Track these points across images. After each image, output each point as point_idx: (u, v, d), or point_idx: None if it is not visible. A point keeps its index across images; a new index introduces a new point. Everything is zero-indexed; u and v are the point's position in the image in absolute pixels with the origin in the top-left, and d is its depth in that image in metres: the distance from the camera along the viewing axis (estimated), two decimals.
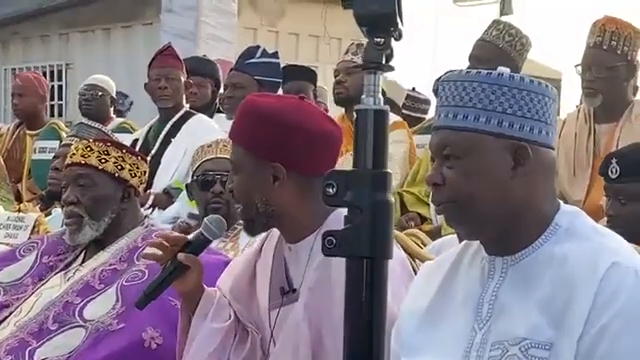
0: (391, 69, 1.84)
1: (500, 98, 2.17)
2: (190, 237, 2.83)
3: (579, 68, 4.58)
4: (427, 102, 7.36)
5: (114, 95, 7.37)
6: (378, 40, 1.82)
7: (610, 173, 3.65)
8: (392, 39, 1.83)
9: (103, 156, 3.50)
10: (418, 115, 7.24)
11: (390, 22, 1.82)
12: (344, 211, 1.89)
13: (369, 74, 1.85)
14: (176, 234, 2.88)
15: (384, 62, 1.84)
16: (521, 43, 5.11)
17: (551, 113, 2.21)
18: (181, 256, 2.73)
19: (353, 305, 1.84)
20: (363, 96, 1.85)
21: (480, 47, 5.15)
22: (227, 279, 2.92)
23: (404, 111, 7.10)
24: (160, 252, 2.78)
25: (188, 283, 2.77)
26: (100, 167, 3.49)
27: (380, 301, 1.83)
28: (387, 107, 1.87)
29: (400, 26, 1.81)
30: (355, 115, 1.87)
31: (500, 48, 5.07)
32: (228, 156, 3.31)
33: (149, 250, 2.90)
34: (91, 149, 3.51)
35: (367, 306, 1.83)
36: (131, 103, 8.10)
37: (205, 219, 2.82)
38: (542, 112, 2.19)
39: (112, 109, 7.28)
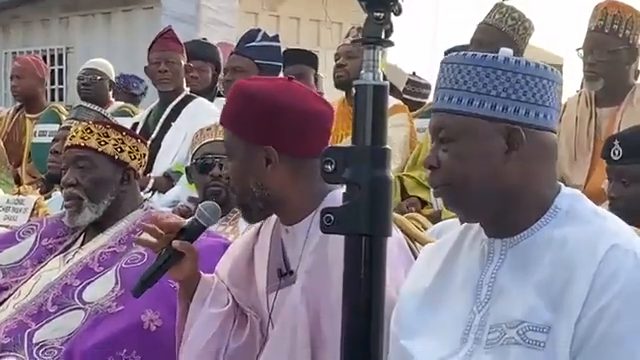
0: (390, 44, 1.82)
1: (494, 81, 2.17)
2: (184, 223, 2.82)
3: (581, 52, 4.57)
4: (428, 86, 7.34)
5: (113, 79, 7.36)
6: (377, 14, 1.80)
7: (612, 155, 3.64)
8: (392, 14, 1.81)
9: (103, 138, 3.50)
10: (419, 100, 7.22)
11: None
12: (341, 192, 1.88)
13: (368, 49, 1.83)
14: (170, 221, 2.86)
15: (383, 37, 1.82)
16: (524, 27, 5.09)
17: (550, 95, 2.19)
18: (176, 243, 2.72)
19: (352, 283, 1.83)
20: (362, 71, 1.84)
21: (482, 30, 5.13)
22: (225, 263, 2.91)
23: (405, 96, 7.08)
24: (154, 239, 2.78)
25: (184, 270, 2.76)
26: (100, 149, 3.49)
27: (379, 279, 1.82)
28: (387, 83, 1.86)
29: (399, 0, 1.79)
30: (354, 91, 1.86)
31: (502, 31, 5.05)
32: None
33: (143, 236, 2.89)
34: (91, 131, 3.50)
35: (366, 284, 1.82)
36: (146, 88, 8.07)
37: (199, 205, 2.81)
38: (539, 95, 2.18)
39: (111, 93, 7.27)
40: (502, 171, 2.18)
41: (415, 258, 2.62)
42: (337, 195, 1.91)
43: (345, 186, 1.85)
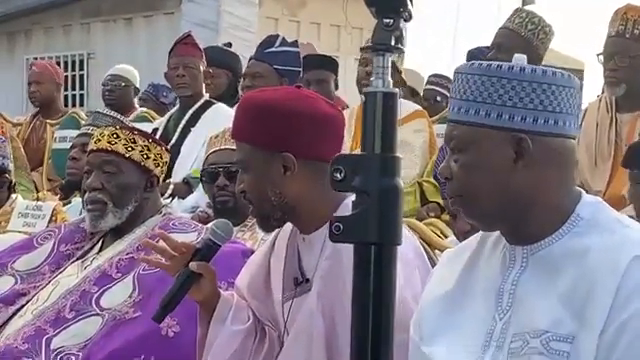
0: (400, 51, 1.82)
1: (499, 90, 2.16)
2: (198, 244, 2.79)
3: (601, 57, 4.54)
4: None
5: (137, 85, 7.36)
6: (387, 21, 1.79)
7: None
8: (402, 20, 1.80)
9: (130, 144, 3.49)
10: (445, 92, 7.15)
11: (399, 2, 1.80)
12: None
13: (378, 56, 1.82)
14: (185, 242, 2.84)
15: (393, 43, 1.81)
16: (544, 32, 5.07)
17: (562, 101, 2.17)
18: (193, 265, 2.70)
19: (360, 292, 1.83)
20: (372, 78, 1.83)
21: (502, 35, 5.13)
22: (245, 276, 2.90)
23: (428, 86, 7.06)
24: (165, 260, 2.76)
25: (203, 290, 2.75)
26: (127, 155, 3.48)
27: (388, 288, 1.81)
28: (397, 90, 1.85)
29: (409, 6, 1.78)
30: (363, 98, 1.85)
31: (522, 36, 5.04)
32: (232, 146, 3.27)
33: (153, 257, 2.89)
34: (117, 136, 3.49)
35: (375, 293, 1.81)
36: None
37: (211, 224, 2.80)
38: (548, 101, 2.15)
39: (136, 99, 7.27)
40: (511, 180, 2.17)
41: (433, 265, 2.61)
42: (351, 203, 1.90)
43: (354, 194, 1.84)
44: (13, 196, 4.58)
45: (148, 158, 3.51)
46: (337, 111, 2.77)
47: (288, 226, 2.80)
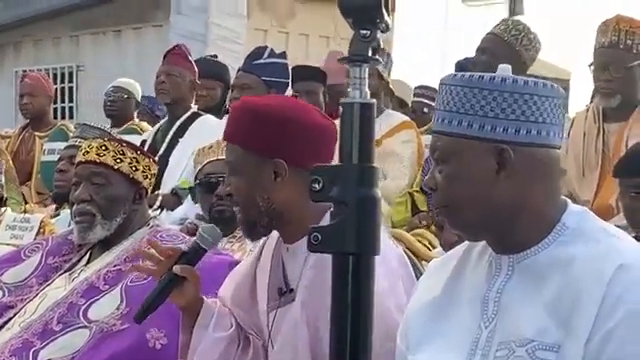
0: (377, 62, 1.82)
1: (481, 102, 2.16)
2: (185, 248, 2.80)
3: (592, 67, 4.52)
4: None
5: (139, 99, 7.37)
6: (364, 32, 1.80)
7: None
8: (378, 31, 1.81)
9: (119, 156, 3.49)
10: (431, 103, 7.18)
11: (376, 13, 1.80)
12: None
13: (355, 67, 1.82)
14: (170, 246, 2.85)
15: (370, 54, 1.81)
16: (528, 38, 5.08)
17: (544, 111, 2.17)
18: (177, 268, 2.71)
19: (339, 302, 1.82)
20: (349, 89, 1.83)
21: (486, 40, 5.16)
22: (229, 286, 2.91)
23: (416, 99, 7.08)
24: (153, 265, 2.77)
25: (186, 294, 2.75)
26: (116, 167, 3.48)
27: (366, 298, 1.81)
28: (373, 100, 1.86)
29: (386, 18, 1.79)
30: (340, 109, 1.86)
31: (506, 41, 5.05)
32: None
33: (143, 264, 2.89)
34: (106, 148, 3.49)
35: (353, 303, 1.81)
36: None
37: (199, 228, 2.81)
38: (530, 112, 2.16)
39: (136, 112, 7.28)
40: (494, 191, 2.17)
41: (420, 276, 2.61)
42: None
43: (332, 205, 1.85)
44: (2, 209, 4.57)
45: (137, 170, 3.51)
46: (330, 122, 2.79)
47: (274, 237, 2.81)
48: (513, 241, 2.20)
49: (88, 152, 3.51)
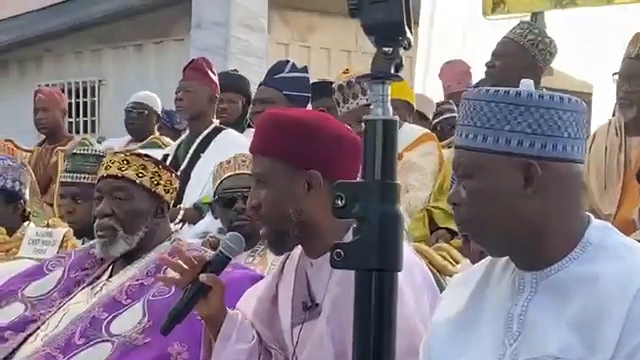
0: (400, 79, 1.82)
1: (508, 117, 2.16)
2: (209, 257, 2.80)
3: (616, 77, 4.51)
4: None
5: (160, 112, 7.38)
6: (386, 50, 1.80)
7: None
8: (401, 48, 1.81)
9: (140, 170, 3.50)
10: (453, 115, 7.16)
11: (398, 31, 1.80)
12: None
13: (377, 84, 1.83)
14: (194, 254, 2.84)
15: (393, 71, 1.81)
16: (544, 42, 5.06)
17: (569, 126, 2.17)
18: (203, 277, 2.70)
19: (362, 318, 1.82)
20: (372, 106, 1.84)
21: (502, 43, 5.14)
22: (249, 301, 2.90)
23: (444, 116, 7.08)
24: (178, 275, 2.77)
25: (211, 304, 2.74)
26: (138, 181, 3.49)
27: (389, 314, 1.81)
28: (396, 117, 1.86)
29: (409, 35, 1.79)
30: (363, 125, 1.86)
31: (521, 45, 5.03)
32: (248, 171, 3.27)
33: (168, 274, 2.89)
34: (128, 162, 3.50)
35: (376, 319, 1.80)
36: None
37: (223, 237, 2.80)
38: (556, 127, 2.16)
39: (157, 126, 7.30)
40: (521, 206, 2.17)
41: (442, 291, 2.60)
42: None
43: (355, 221, 1.84)
44: (25, 224, 4.59)
45: (158, 184, 3.52)
46: (356, 135, 2.78)
47: (296, 253, 2.80)
48: (537, 257, 2.19)
49: (110, 167, 3.53)
